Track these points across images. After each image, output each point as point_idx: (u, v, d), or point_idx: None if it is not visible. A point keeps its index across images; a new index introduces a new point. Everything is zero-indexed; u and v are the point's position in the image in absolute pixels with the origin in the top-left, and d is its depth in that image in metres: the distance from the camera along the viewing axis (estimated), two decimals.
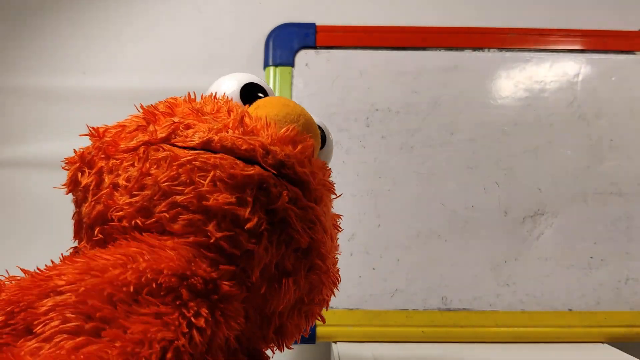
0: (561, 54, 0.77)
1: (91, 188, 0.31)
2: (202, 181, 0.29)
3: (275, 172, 0.30)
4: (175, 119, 0.31)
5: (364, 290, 0.70)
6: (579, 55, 0.76)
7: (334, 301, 0.69)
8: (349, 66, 0.76)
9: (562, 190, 0.73)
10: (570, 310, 0.70)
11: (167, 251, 0.27)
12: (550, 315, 0.69)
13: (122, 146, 0.31)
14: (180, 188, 0.29)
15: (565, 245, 0.72)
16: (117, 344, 0.23)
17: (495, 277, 0.71)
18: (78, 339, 0.23)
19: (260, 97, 0.37)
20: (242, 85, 0.38)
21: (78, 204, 0.33)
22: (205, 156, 0.29)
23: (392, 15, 0.85)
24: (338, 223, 0.40)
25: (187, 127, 0.31)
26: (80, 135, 0.35)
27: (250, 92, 0.38)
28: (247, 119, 0.31)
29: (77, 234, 0.34)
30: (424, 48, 0.77)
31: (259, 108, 0.33)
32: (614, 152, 0.74)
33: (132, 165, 0.30)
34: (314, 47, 0.77)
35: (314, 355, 0.79)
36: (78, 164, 0.33)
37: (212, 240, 0.29)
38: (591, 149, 0.74)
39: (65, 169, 0.34)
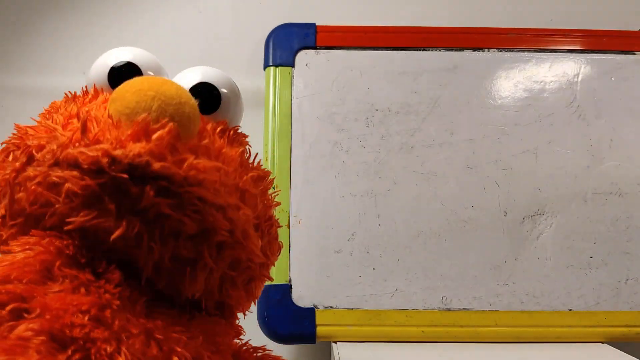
0: (561, 54, 0.77)
1: None
2: (58, 198, 0.28)
3: (126, 176, 0.28)
4: (29, 142, 0.31)
5: (364, 290, 0.70)
6: (579, 56, 0.77)
7: (334, 301, 0.69)
8: (349, 66, 0.76)
9: (562, 190, 0.73)
10: (570, 310, 0.70)
11: (59, 240, 0.28)
12: (550, 315, 0.69)
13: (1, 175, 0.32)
14: (44, 210, 0.29)
15: (565, 245, 0.72)
16: (44, 318, 0.23)
17: (495, 277, 0.71)
18: (1, 328, 0.23)
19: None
20: (107, 71, 0.36)
21: None
22: (58, 172, 0.28)
23: (392, 15, 0.85)
24: (265, 181, 0.37)
25: (40, 148, 0.30)
26: None
27: (121, 72, 0.36)
28: (91, 127, 0.29)
29: None
30: (424, 48, 0.77)
31: (111, 102, 0.31)
32: (614, 152, 0.74)
33: (5, 195, 0.31)
34: (314, 47, 0.77)
35: (314, 355, 0.79)
36: None
37: (91, 256, 0.29)
38: (591, 149, 0.74)
39: None
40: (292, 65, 0.76)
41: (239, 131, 0.38)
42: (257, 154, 0.38)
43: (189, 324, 0.30)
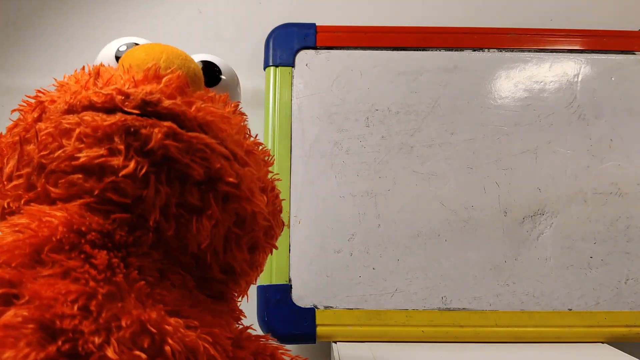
0: (561, 54, 0.77)
1: None
2: (69, 142, 0.29)
3: (139, 112, 0.29)
4: (42, 98, 0.32)
5: (363, 290, 0.70)
6: (579, 56, 0.77)
7: (334, 301, 0.69)
8: (349, 66, 0.76)
9: (562, 190, 0.73)
10: (570, 310, 0.70)
11: (56, 213, 0.28)
12: (550, 315, 0.69)
13: (7, 142, 0.32)
14: (52, 155, 0.29)
15: (565, 245, 0.72)
16: (33, 305, 0.23)
17: (495, 277, 0.71)
18: None
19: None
20: (115, 51, 0.38)
21: None
22: (67, 119, 0.29)
23: (392, 15, 0.85)
24: (259, 149, 0.38)
25: (52, 102, 0.31)
26: None
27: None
28: (102, 72, 0.31)
29: None
30: (424, 48, 0.77)
31: (121, 60, 0.33)
32: (613, 152, 0.74)
33: (15, 152, 0.31)
34: (314, 47, 0.77)
35: (314, 355, 0.79)
36: None
37: (96, 193, 0.29)
38: (591, 149, 0.74)
39: None
40: (292, 65, 0.76)
41: (240, 109, 0.39)
42: (257, 134, 0.38)
43: (189, 312, 0.30)
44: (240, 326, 0.34)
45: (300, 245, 0.71)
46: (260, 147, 0.37)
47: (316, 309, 0.69)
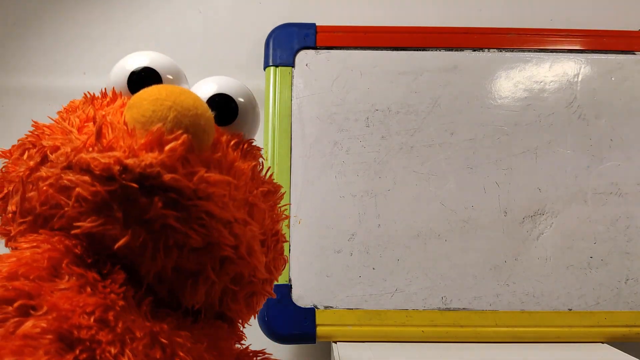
0: (561, 54, 0.77)
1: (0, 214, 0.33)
2: (68, 202, 0.29)
3: (136, 186, 0.28)
4: (45, 143, 0.31)
5: (363, 290, 0.70)
6: (579, 56, 0.77)
7: (334, 301, 0.69)
8: (349, 66, 0.76)
9: (562, 190, 0.73)
10: (570, 310, 0.70)
11: (68, 239, 0.29)
12: (550, 315, 0.69)
13: (12, 174, 0.32)
14: (54, 211, 0.29)
15: (565, 245, 0.72)
16: (51, 316, 0.23)
17: (495, 277, 0.71)
18: (8, 323, 0.23)
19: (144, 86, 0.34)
20: (127, 75, 0.36)
21: None
22: (70, 175, 0.29)
23: (392, 15, 0.85)
24: (274, 197, 0.37)
25: (54, 149, 0.30)
26: None
27: (141, 77, 0.36)
28: (106, 133, 0.29)
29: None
30: (424, 48, 0.77)
31: (127, 109, 0.31)
32: (613, 152, 0.74)
33: (18, 191, 0.31)
34: (314, 47, 0.77)
35: (314, 355, 0.79)
36: None
37: (96, 259, 0.29)
38: (591, 149, 0.74)
39: None
40: (292, 65, 0.76)
41: (254, 144, 0.38)
42: (269, 167, 0.38)
43: (192, 328, 0.30)
44: (241, 347, 0.35)
45: (300, 245, 0.71)
46: (269, 175, 0.37)
47: (316, 309, 0.69)
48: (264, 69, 0.78)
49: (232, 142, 0.35)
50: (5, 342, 0.22)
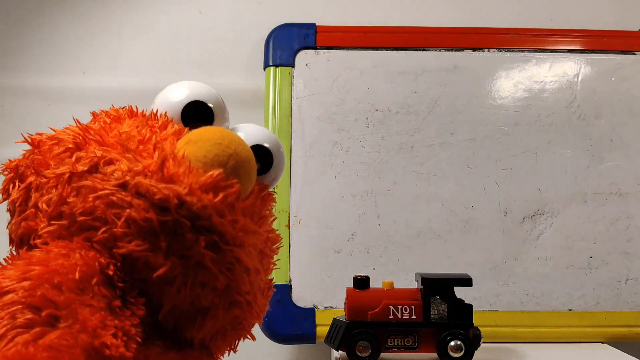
0: (561, 54, 0.77)
1: (18, 205, 0.32)
2: (117, 220, 0.29)
3: (189, 223, 0.29)
4: (98, 152, 0.31)
5: None
6: (579, 56, 0.77)
7: (334, 301, 0.69)
8: (349, 66, 0.76)
9: (562, 190, 0.73)
10: (570, 310, 0.70)
11: (102, 257, 0.29)
12: (550, 315, 0.69)
13: (48, 171, 0.32)
14: (95, 224, 0.29)
15: (565, 245, 0.72)
16: (76, 330, 0.23)
17: (495, 277, 0.71)
18: (33, 331, 0.23)
19: (199, 124, 0.35)
20: (183, 106, 0.36)
21: (10, 214, 0.34)
22: (122, 194, 0.29)
23: (392, 15, 0.85)
24: (274, 248, 0.39)
25: (108, 162, 0.30)
26: (16, 143, 0.35)
27: (195, 109, 0.36)
28: (169, 163, 0.30)
29: (10, 242, 0.35)
30: (424, 48, 0.77)
31: (189, 144, 0.32)
32: (613, 152, 0.74)
33: (55, 187, 0.31)
34: (314, 47, 0.77)
35: (314, 355, 0.79)
36: (11, 175, 0.34)
37: (121, 286, 0.29)
38: (591, 149, 0.74)
39: (4, 175, 0.35)
40: (292, 65, 0.76)
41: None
42: (274, 218, 0.40)
43: (178, 356, 0.32)
44: None
45: (300, 245, 0.71)
46: (272, 219, 0.39)
47: (316, 309, 0.69)
48: (264, 69, 0.78)
49: (262, 194, 0.37)
50: (27, 349, 0.22)
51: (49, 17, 0.87)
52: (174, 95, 0.37)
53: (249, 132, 0.38)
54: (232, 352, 0.38)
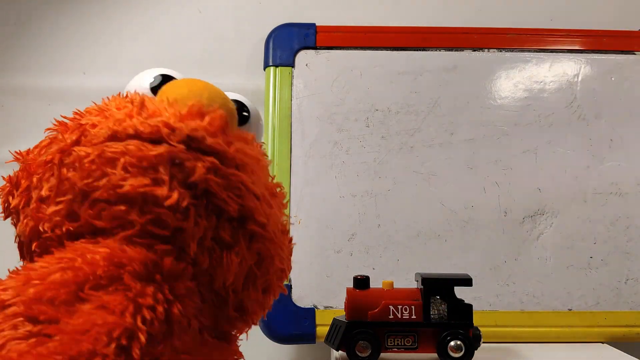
0: (561, 54, 0.77)
1: (21, 207, 0.33)
2: (114, 170, 0.29)
3: (184, 147, 0.30)
4: (83, 121, 0.32)
5: None
6: (579, 56, 0.77)
7: (334, 301, 0.69)
8: (349, 66, 0.76)
9: (562, 190, 0.73)
10: (570, 310, 0.70)
11: (99, 249, 0.28)
12: (550, 315, 0.69)
13: (40, 158, 0.32)
14: (97, 183, 0.29)
15: (565, 245, 0.72)
16: (57, 338, 0.23)
17: (495, 277, 0.71)
18: (29, 341, 0.23)
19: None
20: (150, 82, 0.38)
21: (16, 221, 0.34)
22: (112, 147, 0.29)
23: (392, 15, 0.85)
24: (279, 191, 0.39)
25: (93, 126, 0.31)
26: (7, 162, 0.36)
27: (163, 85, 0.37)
28: (147, 103, 0.31)
29: (21, 256, 0.35)
30: (424, 48, 0.77)
31: (161, 93, 0.33)
32: (613, 152, 0.74)
33: (52, 175, 0.31)
34: (314, 47, 0.77)
35: (314, 355, 0.79)
36: (8, 188, 0.34)
37: (137, 228, 0.29)
38: (591, 149, 0.74)
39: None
40: (292, 65, 0.76)
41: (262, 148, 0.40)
42: (274, 176, 0.39)
43: (199, 350, 0.31)
44: None
45: (300, 245, 0.71)
46: (278, 189, 0.39)
47: (316, 309, 0.69)
48: (264, 69, 0.78)
49: (251, 137, 0.37)
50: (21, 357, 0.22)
51: (49, 17, 0.87)
52: (138, 80, 0.38)
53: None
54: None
